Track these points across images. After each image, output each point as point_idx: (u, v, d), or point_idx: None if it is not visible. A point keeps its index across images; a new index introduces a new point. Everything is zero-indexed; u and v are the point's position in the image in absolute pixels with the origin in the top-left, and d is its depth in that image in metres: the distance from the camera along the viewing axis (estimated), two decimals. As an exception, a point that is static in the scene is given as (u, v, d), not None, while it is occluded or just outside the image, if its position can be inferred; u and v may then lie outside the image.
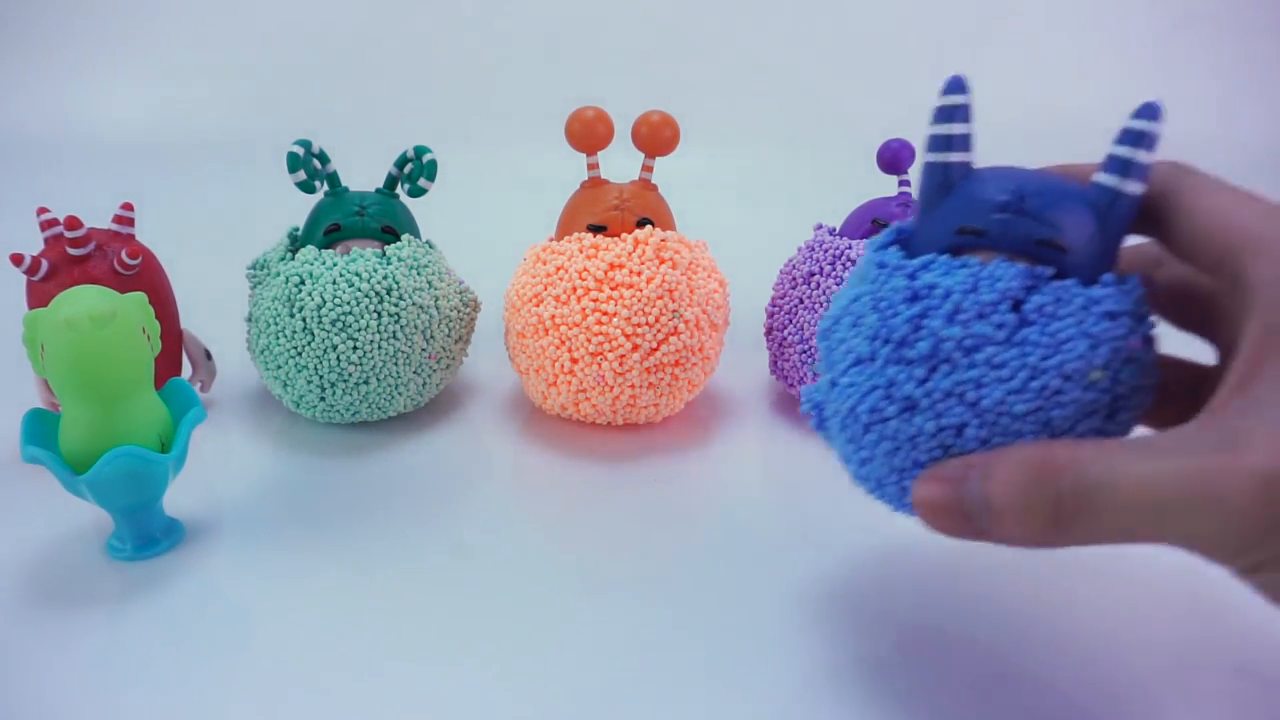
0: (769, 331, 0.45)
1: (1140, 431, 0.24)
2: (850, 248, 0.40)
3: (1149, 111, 0.23)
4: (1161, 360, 0.25)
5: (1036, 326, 0.23)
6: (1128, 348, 0.23)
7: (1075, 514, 0.21)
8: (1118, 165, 0.23)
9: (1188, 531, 0.20)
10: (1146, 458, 0.20)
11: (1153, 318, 0.25)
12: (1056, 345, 0.23)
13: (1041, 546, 0.22)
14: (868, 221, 0.42)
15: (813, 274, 0.41)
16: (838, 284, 0.40)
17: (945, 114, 0.25)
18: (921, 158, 0.26)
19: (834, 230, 0.44)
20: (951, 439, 0.24)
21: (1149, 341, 0.24)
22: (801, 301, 0.42)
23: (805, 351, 0.42)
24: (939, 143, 0.25)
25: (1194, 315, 0.27)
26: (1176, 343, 0.27)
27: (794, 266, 0.43)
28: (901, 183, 0.43)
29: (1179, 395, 0.25)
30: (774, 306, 0.44)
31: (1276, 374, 0.20)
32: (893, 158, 0.43)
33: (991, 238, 0.24)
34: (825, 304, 0.40)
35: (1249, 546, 0.19)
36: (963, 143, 0.25)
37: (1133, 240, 0.25)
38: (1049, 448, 0.22)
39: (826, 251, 0.41)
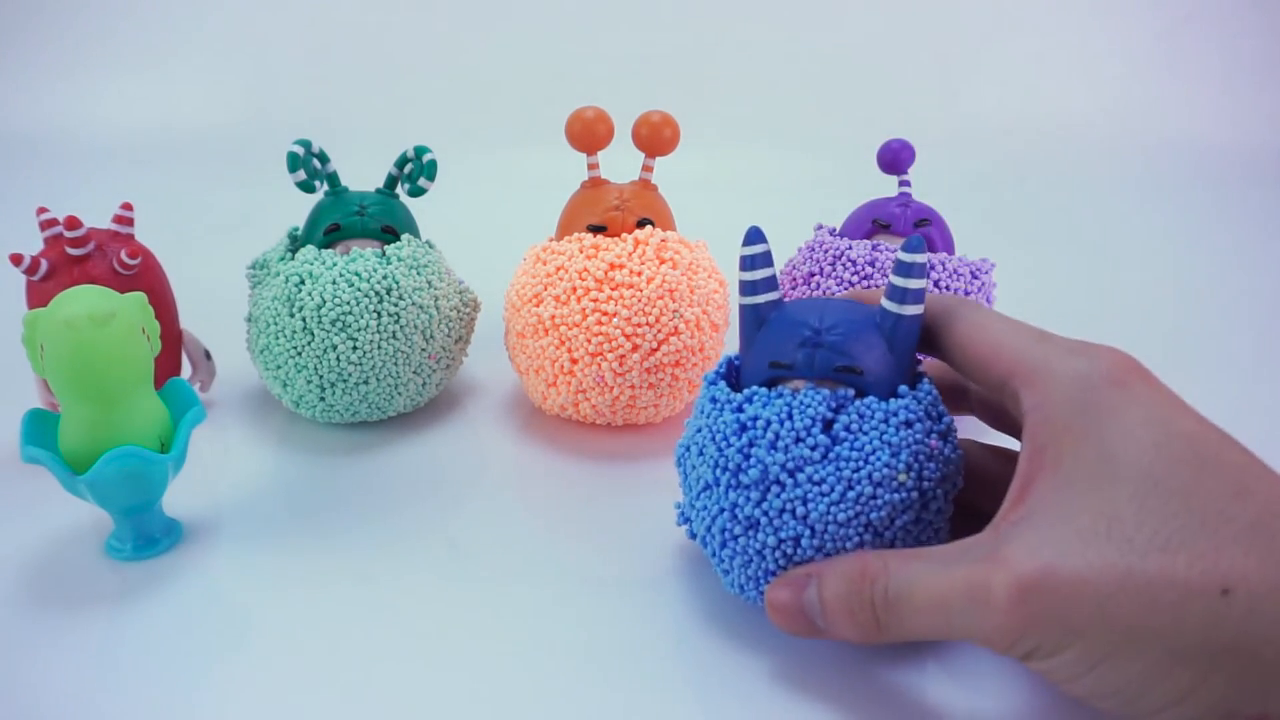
0: None
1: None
2: (850, 248, 0.41)
3: (915, 245, 0.27)
4: (985, 451, 0.31)
5: (846, 443, 0.27)
6: (927, 447, 0.27)
7: (886, 617, 0.25)
8: (896, 293, 0.28)
9: (967, 628, 0.23)
10: (937, 566, 0.24)
11: (948, 417, 0.29)
12: (865, 457, 0.27)
13: (869, 643, 0.26)
14: (868, 222, 0.42)
15: (813, 274, 0.41)
16: (838, 284, 0.40)
17: (749, 262, 0.29)
18: (736, 300, 0.30)
19: (834, 230, 0.44)
20: (791, 549, 0.27)
21: (946, 436, 0.28)
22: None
23: None
24: (747, 288, 0.29)
25: (999, 420, 0.31)
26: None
27: (794, 267, 0.43)
28: (901, 183, 0.43)
29: (1002, 482, 0.27)
30: None
31: (1042, 491, 0.23)
32: (893, 158, 0.43)
33: (798, 369, 0.28)
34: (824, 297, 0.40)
35: (1015, 641, 0.22)
36: (766, 285, 0.29)
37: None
38: (864, 559, 0.26)
39: (826, 252, 0.41)
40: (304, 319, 0.38)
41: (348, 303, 0.38)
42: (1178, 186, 0.40)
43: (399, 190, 0.43)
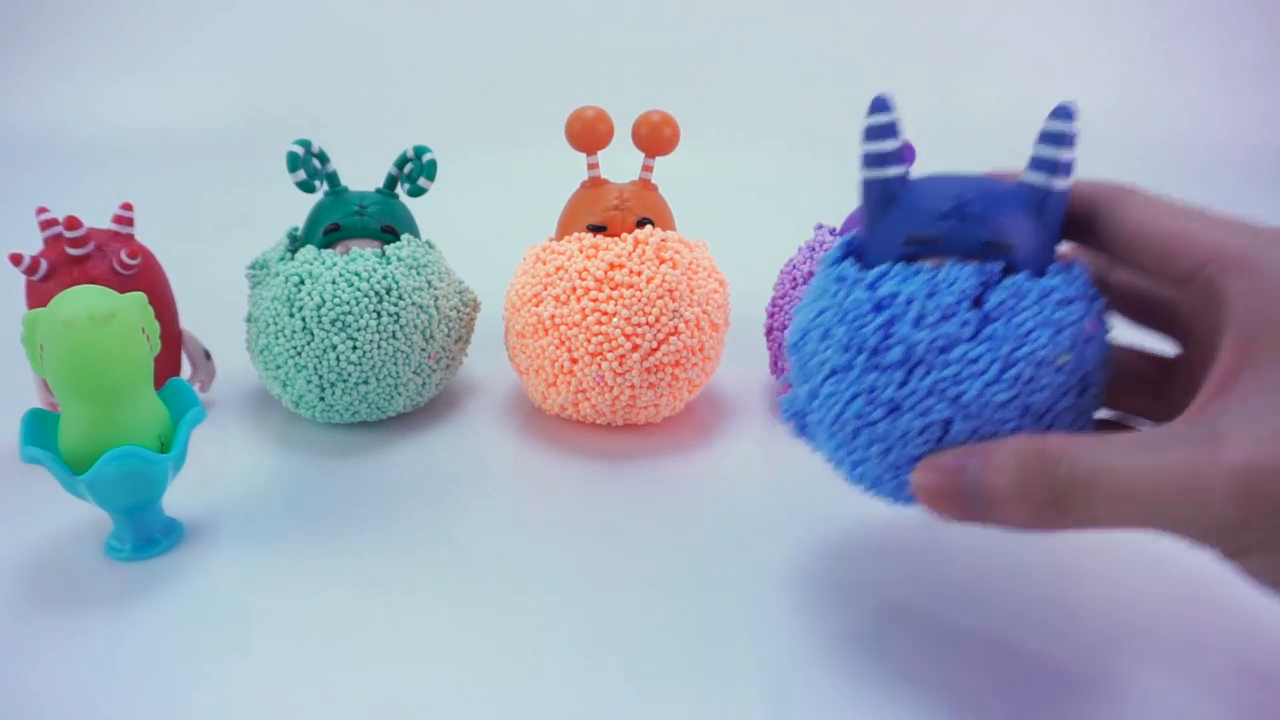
0: (769, 331, 0.44)
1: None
2: None
3: (1064, 113, 0.25)
4: (1122, 349, 0.28)
5: (1000, 321, 0.25)
6: (1086, 329, 0.25)
7: (1069, 500, 0.23)
8: (1045, 164, 0.25)
9: (1173, 520, 0.22)
10: (1135, 451, 0.22)
11: (1101, 298, 0.27)
12: (1023, 336, 0.25)
13: (1037, 530, 0.24)
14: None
15: (813, 274, 0.41)
16: None
17: (875, 132, 0.27)
18: (859, 175, 0.27)
19: (834, 230, 0.44)
20: (939, 433, 0.25)
21: (1102, 319, 0.26)
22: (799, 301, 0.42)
23: None
24: (873, 159, 0.27)
25: (1150, 314, 0.29)
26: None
27: (794, 266, 0.43)
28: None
29: (1141, 382, 0.27)
30: (774, 307, 0.44)
31: (1253, 379, 0.22)
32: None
33: (940, 244, 0.26)
34: None
35: (1229, 534, 0.21)
36: (896, 158, 0.27)
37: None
38: (1042, 438, 0.24)
39: (828, 250, 0.41)
40: (304, 319, 0.38)
41: (347, 303, 0.38)
42: (1178, 187, 0.40)
43: (399, 190, 0.43)
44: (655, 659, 0.29)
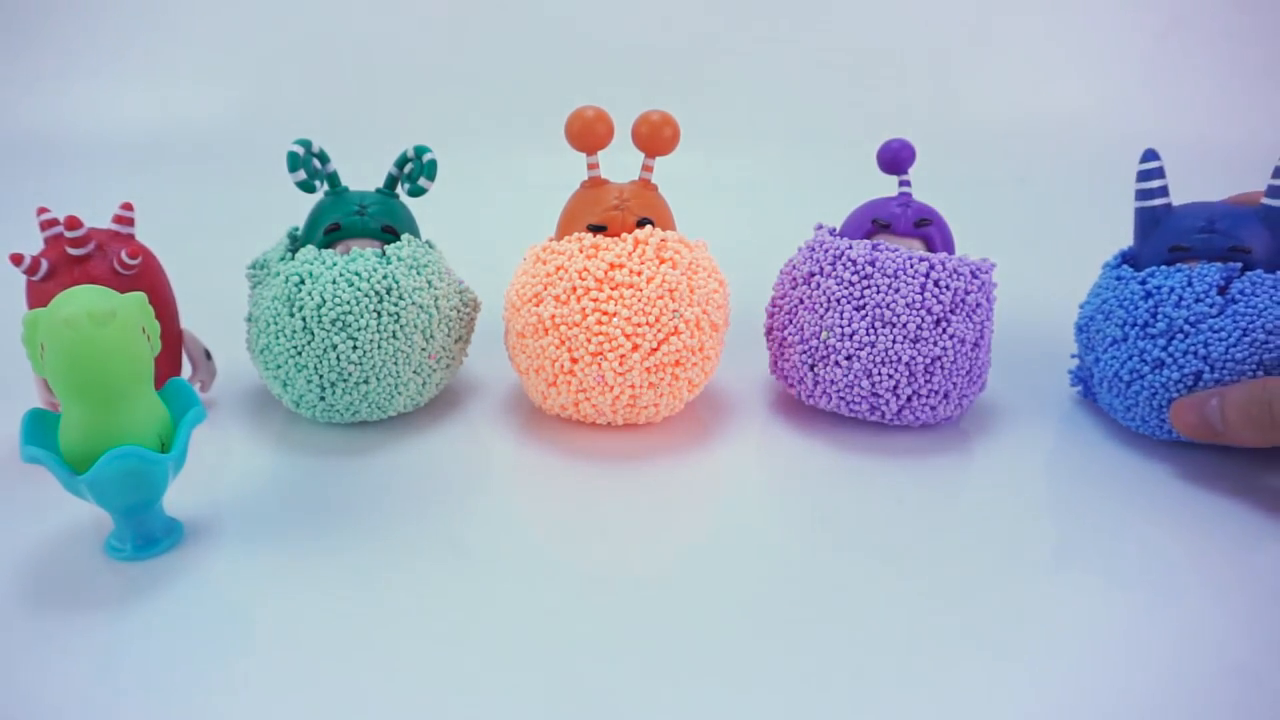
0: (769, 331, 0.44)
1: None
2: (850, 248, 0.40)
3: None
4: None
5: (1241, 302, 0.36)
6: None
7: (1274, 421, 0.33)
8: (1277, 191, 0.37)
9: None
10: None
11: None
12: (1259, 312, 0.36)
13: (1265, 441, 0.34)
14: (868, 222, 0.42)
15: (813, 274, 0.41)
16: (838, 284, 0.40)
17: (1147, 175, 0.39)
18: (1133, 205, 0.40)
19: (834, 230, 0.44)
20: (1192, 382, 0.37)
21: None
22: (802, 302, 0.42)
23: (805, 352, 0.41)
24: (1145, 194, 0.40)
25: None
26: None
27: (794, 267, 0.43)
28: (902, 183, 0.43)
29: None
30: (774, 307, 0.44)
31: None
32: (892, 158, 0.42)
33: (1195, 251, 0.38)
34: (825, 304, 0.40)
35: None
36: (1162, 192, 0.39)
37: None
38: (1265, 378, 0.35)
39: (827, 252, 0.41)
40: (304, 319, 0.38)
41: (348, 302, 0.38)
42: (1178, 187, 0.40)
43: (399, 190, 0.43)
44: (655, 659, 0.29)
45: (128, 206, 0.42)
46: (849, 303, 0.39)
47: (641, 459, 0.41)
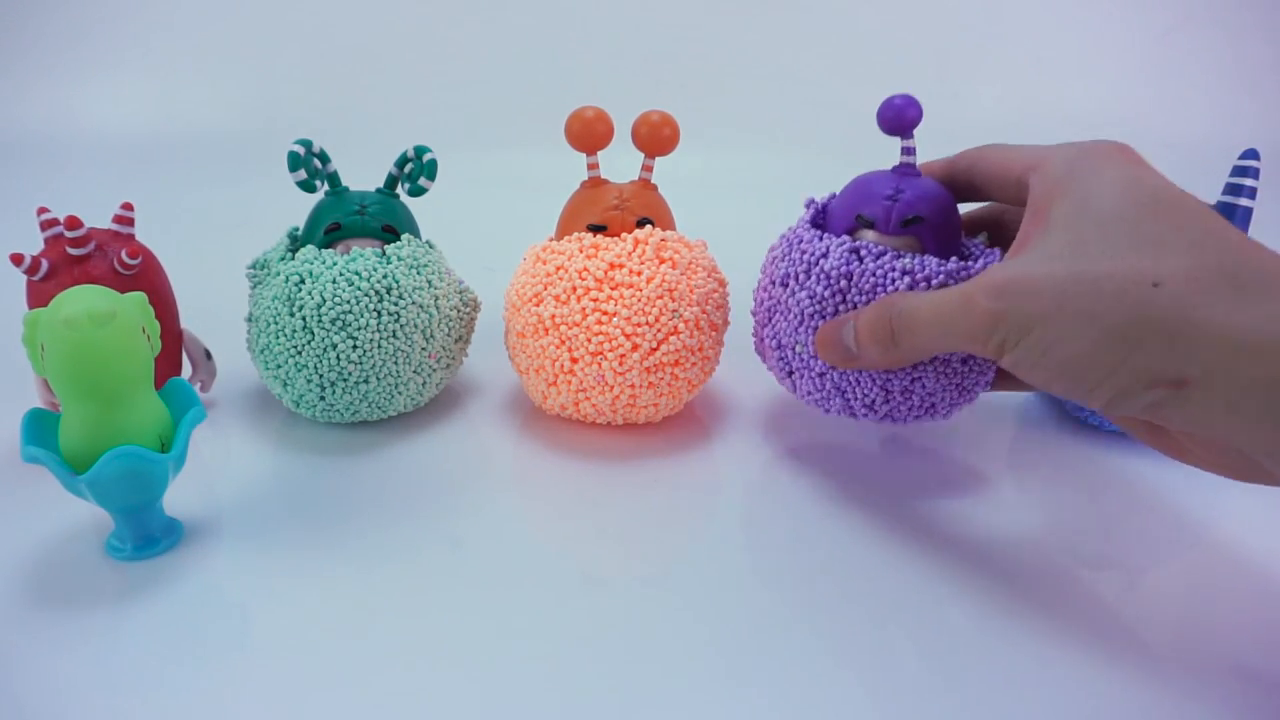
0: (754, 317, 0.41)
1: None
2: (826, 255, 0.35)
3: (1251, 154, 0.38)
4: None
5: None
6: None
7: (899, 331, 0.32)
8: (1233, 189, 0.38)
9: (956, 333, 0.30)
10: (940, 292, 0.31)
11: None
12: None
13: (889, 363, 0.33)
14: (853, 216, 0.36)
15: (788, 277, 0.37)
16: (810, 299, 0.35)
17: (1240, 171, 0.39)
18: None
19: (824, 205, 0.39)
20: None
21: None
22: (778, 304, 0.38)
23: (782, 359, 0.38)
24: (1232, 189, 0.39)
25: None
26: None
27: (774, 261, 0.39)
28: (905, 149, 0.37)
29: None
30: (757, 296, 0.41)
31: (1030, 239, 0.29)
32: (895, 116, 0.36)
33: None
34: (799, 317, 0.36)
35: (990, 332, 0.28)
36: (1251, 192, 0.39)
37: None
38: (887, 297, 0.33)
39: (803, 255, 0.36)
40: (304, 318, 0.38)
41: (348, 302, 0.38)
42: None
43: (399, 190, 0.43)
44: (655, 658, 0.29)
45: (128, 206, 0.42)
46: (821, 318, 0.36)
47: (641, 459, 0.41)
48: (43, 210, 0.39)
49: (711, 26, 1.04)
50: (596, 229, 0.41)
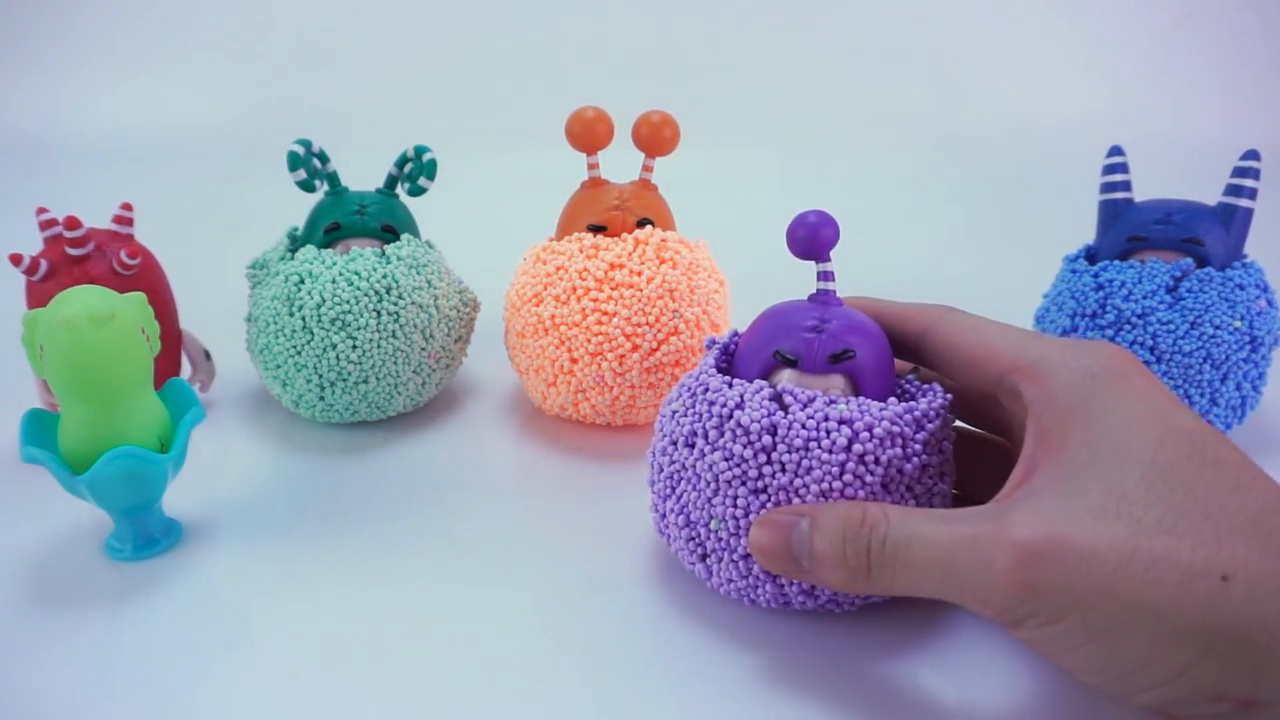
0: (652, 488, 0.32)
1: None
2: (740, 405, 0.28)
3: (1253, 154, 0.38)
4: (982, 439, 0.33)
5: (1190, 298, 0.37)
6: (1257, 306, 0.38)
7: (879, 564, 0.25)
8: (1234, 190, 0.39)
9: (963, 588, 0.24)
10: (940, 524, 0.24)
11: (1271, 290, 0.39)
12: (1206, 307, 0.37)
13: (851, 591, 0.26)
14: (769, 353, 0.30)
15: (694, 435, 0.30)
16: (725, 458, 0.28)
17: (1111, 169, 0.41)
18: (1097, 198, 0.41)
19: (732, 344, 0.33)
20: None
21: (1270, 300, 0.38)
22: (683, 468, 0.30)
23: (693, 538, 0.30)
24: (1109, 187, 0.41)
25: (983, 417, 0.33)
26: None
27: (674, 415, 0.31)
28: (821, 275, 0.31)
29: (993, 469, 0.31)
30: (653, 459, 0.32)
31: (1048, 470, 0.24)
32: (809, 237, 0.30)
33: (1152, 241, 0.39)
34: (713, 485, 0.29)
35: (1013, 605, 0.23)
36: (1124, 186, 0.40)
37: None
38: (864, 506, 0.26)
39: (712, 405, 0.29)
40: (304, 318, 0.38)
41: (347, 302, 0.38)
42: (1178, 186, 0.40)
43: (399, 190, 0.43)
44: (655, 658, 0.29)
45: (127, 206, 0.42)
46: (743, 484, 0.28)
47: (641, 459, 0.41)
48: (42, 210, 0.39)
49: (712, 26, 1.04)
50: (597, 229, 0.41)
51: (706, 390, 0.30)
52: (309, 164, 0.41)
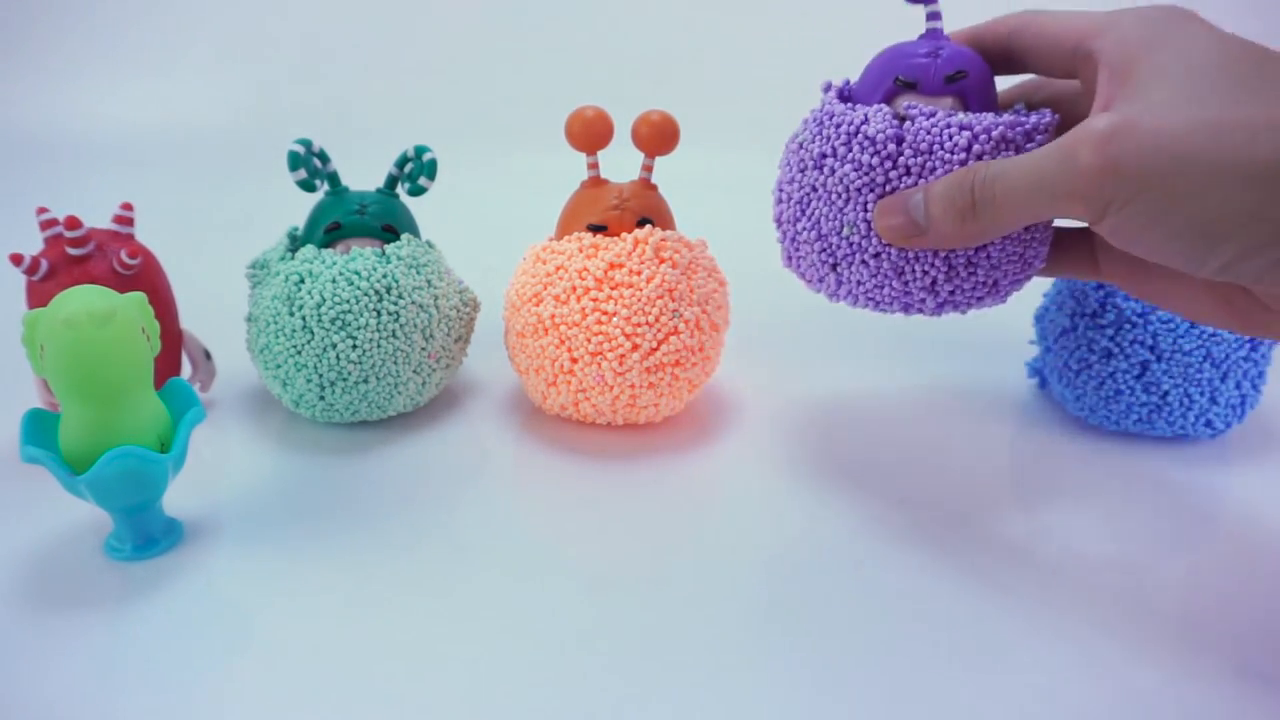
0: (778, 221, 0.37)
1: None
2: (866, 121, 0.32)
3: None
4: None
5: None
6: None
7: (983, 199, 0.29)
8: None
9: (1054, 191, 0.27)
10: (1029, 155, 0.28)
11: None
12: None
13: (965, 240, 0.30)
14: (889, 79, 0.33)
15: (824, 156, 0.33)
16: (856, 170, 0.32)
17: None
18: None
19: (847, 88, 0.35)
20: (1139, 372, 0.38)
21: None
22: (815, 190, 0.34)
23: (825, 250, 0.34)
24: None
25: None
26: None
27: (801, 145, 0.35)
28: (930, 15, 0.34)
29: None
30: (781, 191, 0.36)
31: (1125, 92, 0.26)
32: None
33: None
34: (844, 195, 0.33)
35: (1096, 190, 0.26)
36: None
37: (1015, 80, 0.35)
38: (974, 163, 0.30)
39: (839, 127, 0.33)
40: (304, 318, 0.38)
41: (347, 301, 0.38)
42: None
43: (399, 190, 0.43)
44: (654, 658, 0.29)
45: (127, 206, 0.42)
46: (872, 191, 0.32)
47: (641, 459, 0.41)
48: (42, 210, 0.39)
49: (712, 26, 1.04)
50: (596, 229, 0.41)
51: (833, 116, 0.33)
52: (309, 164, 0.41)
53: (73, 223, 0.38)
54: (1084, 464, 0.40)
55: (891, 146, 0.31)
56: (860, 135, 0.32)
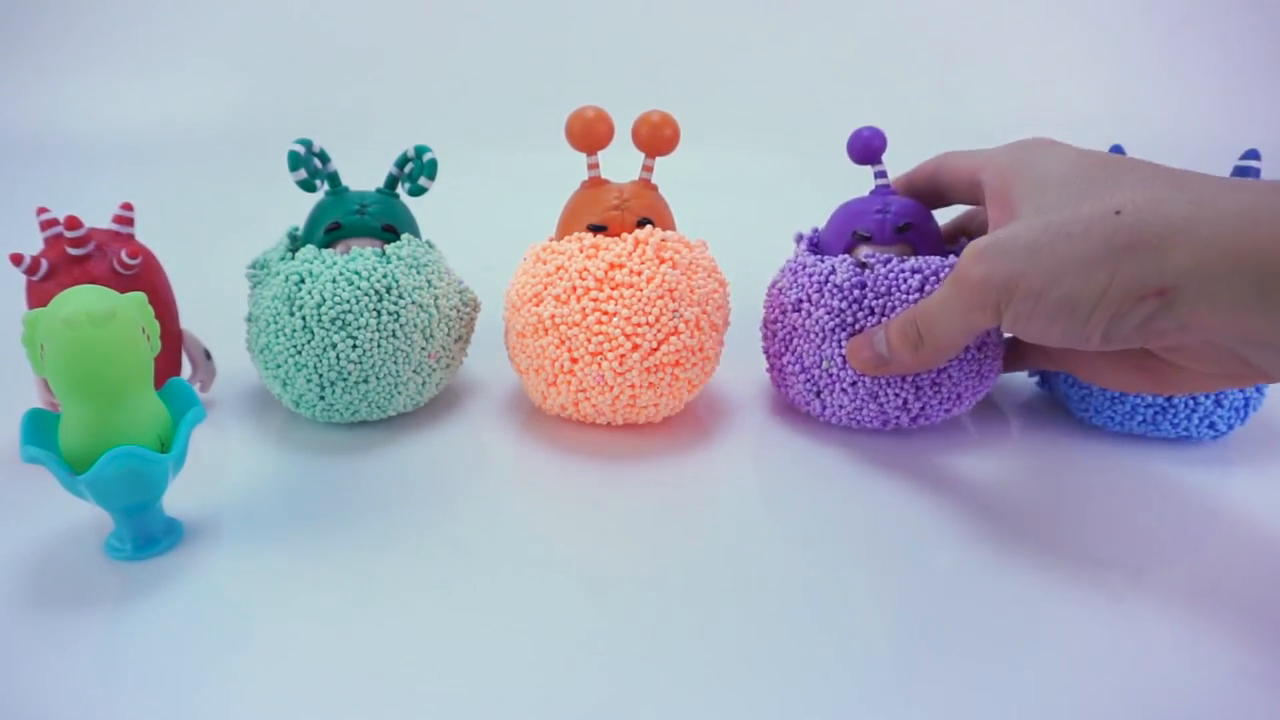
0: (767, 354, 0.44)
1: None
2: (834, 271, 0.39)
3: (1252, 155, 0.38)
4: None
5: None
6: None
7: (925, 331, 0.35)
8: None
9: (964, 310, 0.33)
10: (942, 285, 0.34)
11: None
12: None
13: (920, 365, 0.36)
14: (847, 235, 0.40)
15: (801, 301, 0.40)
16: (829, 314, 0.39)
17: (1240, 171, 0.39)
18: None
19: (815, 236, 0.43)
20: None
21: None
22: (795, 330, 0.41)
23: (809, 380, 0.41)
24: None
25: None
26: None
27: (780, 291, 0.42)
28: (877, 174, 0.41)
29: None
30: (767, 329, 0.43)
31: (1002, 216, 0.33)
32: (864, 147, 0.40)
33: None
34: (820, 334, 0.39)
35: (985, 299, 0.32)
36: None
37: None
38: (909, 307, 0.37)
39: (811, 277, 0.40)
40: (304, 318, 0.38)
41: (347, 301, 0.38)
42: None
43: (399, 190, 0.43)
44: (654, 658, 0.29)
45: (128, 206, 0.42)
46: (843, 330, 0.39)
47: (641, 459, 0.41)
48: (42, 210, 0.39)
49: (712, 27, 1.04)
50: (597, 229, 0.40)
51: (805, 267, 0.40)
52: (309, 164, 0.41)
53: (73, 223, 0.38)
54: (1086, 464, 0.40)
55: (856, 292, 0.38)
56: (829, 284, 0.39)
